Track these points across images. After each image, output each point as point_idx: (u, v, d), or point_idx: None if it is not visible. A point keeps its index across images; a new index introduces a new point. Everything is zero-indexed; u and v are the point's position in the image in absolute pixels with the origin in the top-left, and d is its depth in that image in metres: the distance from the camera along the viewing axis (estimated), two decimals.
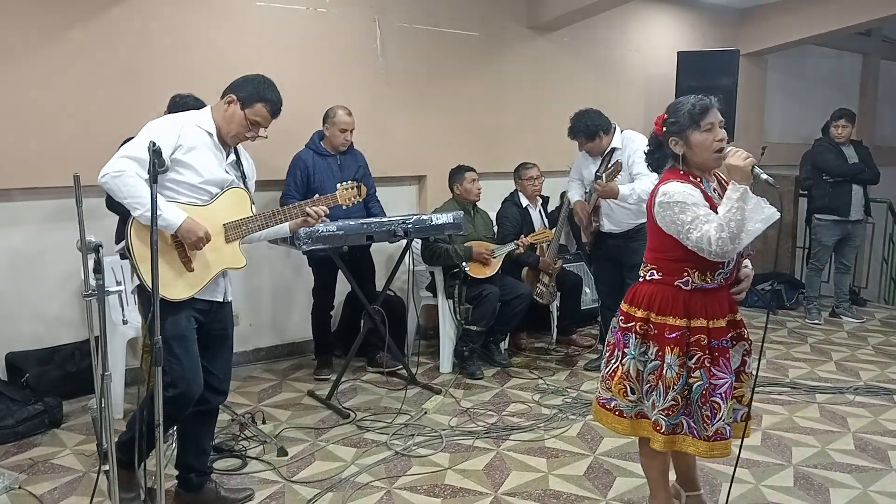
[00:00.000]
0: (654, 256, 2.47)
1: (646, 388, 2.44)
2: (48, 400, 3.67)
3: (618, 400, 2.48)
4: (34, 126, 3.82)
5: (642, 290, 2.48)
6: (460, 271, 4.55)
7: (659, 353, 2.39)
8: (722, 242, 2.21)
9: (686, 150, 2.39)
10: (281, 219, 2.80)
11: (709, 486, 3.06)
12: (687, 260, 2.36)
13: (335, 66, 4.82)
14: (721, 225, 2.22)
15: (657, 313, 2.41)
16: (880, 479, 3.15)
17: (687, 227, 2.27)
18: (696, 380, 2.36)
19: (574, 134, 4.31)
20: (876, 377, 4.56)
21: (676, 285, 2.39)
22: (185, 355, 2.57)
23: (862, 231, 6.12)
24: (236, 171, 2.77)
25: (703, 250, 2.26)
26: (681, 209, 2.29)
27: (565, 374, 4.57)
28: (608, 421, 2.54)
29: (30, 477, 3.14)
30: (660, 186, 2.38)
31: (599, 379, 2.60)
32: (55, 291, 4.05)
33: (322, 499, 2.96)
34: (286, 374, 4.60)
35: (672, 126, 2.39)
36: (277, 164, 4.31)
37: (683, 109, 2.36)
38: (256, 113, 2.66)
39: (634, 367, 2.44)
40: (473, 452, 3.41)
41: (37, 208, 3.97)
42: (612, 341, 2.56)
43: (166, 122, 2.59)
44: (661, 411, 2.38)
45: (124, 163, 2.44)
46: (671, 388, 2.36)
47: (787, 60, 7.58)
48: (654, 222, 2.41)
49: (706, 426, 2.37)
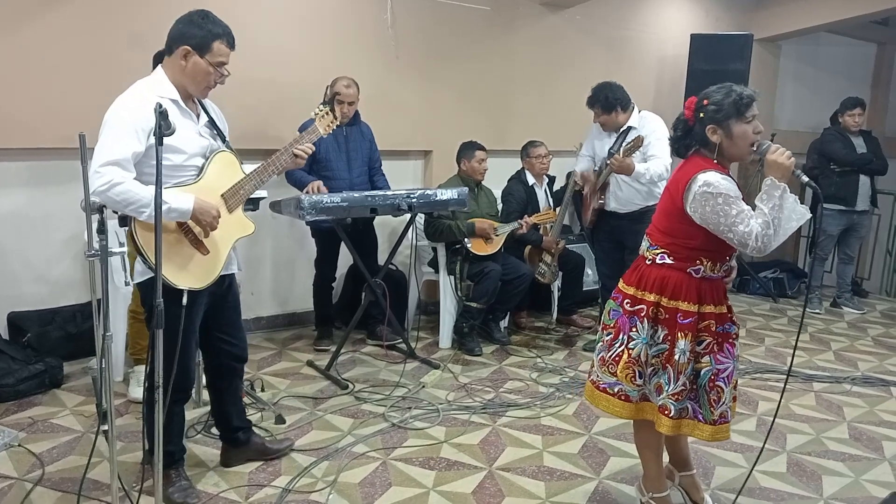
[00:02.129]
0: (668, 241, 2.42)
1: (649, 371, 2.43)
2: (49, 360, 3.70)
3: (623, 384, 2.45)
4: (38, 86, 3.80)
5: (652, 273, 2.43)
6: (462, 248, 4.55)
7: (668, 337, 2.38)
8: (767, 238, 2.20)
9: (724, 140, 2.32)
10: (273, 169, 2.67)
11: (702, 468, 3.08)
12: (703, 249, 2.35)
13: (344, 38, 4.78)
14: (767, 221, 2.21)
15: (669, 298, 2.38)
16: (873, 469, 3.17)
17: (732, 220, 2.23)
18: (704, 365, 2.37)
19: (592, 103, 4.26)
20: (874, 368, 4.56)
21: (688, 272, 2.38)
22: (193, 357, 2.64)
23: (867, 222, 6.11)
24: (212, 131, 2.60)
25: (746, 245, 2.23)
26: (725, 201, 2.24)
27: (564, 354, 4.59)
28: (609, 406, 2.50)
29: (29, 435, 3.17)
30: (698, 175, 2.29)
31: (597, 363, 2.56)
32: (58, 253, 4.07)
33: (318, 467, 2.99)
34: (286, 344, 4.62)
35: (715, 114, 2.31)
36: (286, 134, 4.28)
37: (730, 98, 2.29)
38: (217, 54, 2.43)
39: (644, 353, 2.41)
40: (469, 427, 3.43)
41: (40, 169, 3.96)
42: (612, 324, 2.52)
43: (133, 107, 2.33)
44: (671, 396, 2.37)
45: (107, 172, 2.24)
46: (682, 372, 2.35)
47: (800, 47, 7.49)
48: (680, 208, 2.34)
49: (713, 410, 2.38)
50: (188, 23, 2.44)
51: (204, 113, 2.60)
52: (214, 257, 2.55)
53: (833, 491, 2.96)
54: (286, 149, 2.74)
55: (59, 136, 3.77)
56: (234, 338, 2.81)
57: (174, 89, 2.46)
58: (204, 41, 2.42)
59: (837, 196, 5.80)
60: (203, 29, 2.42)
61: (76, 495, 2.54)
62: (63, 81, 3.85)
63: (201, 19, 2.44)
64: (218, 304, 2.70)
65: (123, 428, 3.25)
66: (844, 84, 7.41)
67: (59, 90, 3.84)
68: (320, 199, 3.71)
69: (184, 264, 2.45)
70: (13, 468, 2.88)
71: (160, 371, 2.17)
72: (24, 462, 2.93)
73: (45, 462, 2.93)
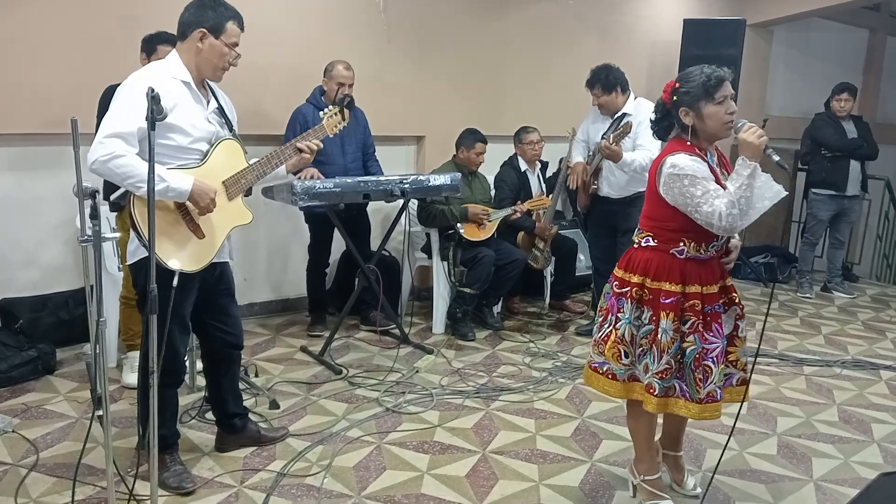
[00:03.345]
0: (651, 224, 2.47)
1: (638, 352, 2.46)
2: (42, 346, 3.69)
3: (611, 364, 2.50)
4: (29, 71, 3.76)
5: (638, 256, 2.48)
6: (455, 233, 4.55)
7: (653, 318, 2.41)
8: (732, 218, 2.22)
9: (696, 122, 2.37)
10: (276, 162, 2.71)
11: (693, 451, 3.11)
12: (685, 230, 2.38)
13: (336, 22, 4.75)
14: (732, 201, 2.22)
15: (653, 279, 2.42)
16: (862, 451, 3.21)
17: (697, 201, 2.27)
18: (689, 344, 2.39)
19: (592, 84, 4.24)
20: (863, 352, 4.61)
21: (671, 253, 2.41)
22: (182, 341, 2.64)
23: (858, 207, 6.14)
24: (220, 119, 2.63)
25: (712, 225, 2.26)
26: (691, 182, 2.27)
27: (556, 339, 4.61)
28: (600, 384, 2.55)
29: (23, 421, 3.17)
30: (667, 157, 2.35)
31: (591, 343, 2.61)
32: (50, 239, 4.05)
33: (313, 451, 3.00)
34: (279, 330, 4.63)
35: (685, 96, 2.36)
36: (278, 118, 4.29)
37: (698, 80, 2.34)
38: (231, 35, 2.50)
39: (629, 332, 2.45)
40: (463, 411, 3.45)
41: (30, 154, 3.93)
42: (605, 307, 2.56)
43: (144, 85, 2.27)
44: (655, 374, 2.41)
45: (110, 143, 2.27)
46: (666, 351, 2.39)
47: (792, 33, 7.49)
48: (656, 191, 2.40)
49: (699, 389, 2.41)
50: (200, 6, 2.50)
51: (214, 100, 2.63)
52: (209, 242, 2.55)
53: (823, 472, 3.00)
54: (291, 143, 2.78)
55: (50, 120, 3.74)
56: (228, 325, 2.81)
57: (188, 72, 2.50)
58: (218, 22, 2.48)
59: (828, 181, 5.83)
60: (216, 11, 2.49)
61: (71, 480, 2.54)
62: (53, 66, 3.81)
63: (213, 2, 2.50)
64: (209, 292, 2.70)
65: (117, 414, 3.25)
66: (836, 70, 7.43)
67: (50, 75, 3.80)
68: (313, 184, 3.70)
69: (178, 246, 2.46)
70: (7, 454, 2.88)
71: (154, 356, 2.17)
72: (19, 448, 2.93)
73: (39, 448, 2.93)
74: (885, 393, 3.91)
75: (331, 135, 2.93)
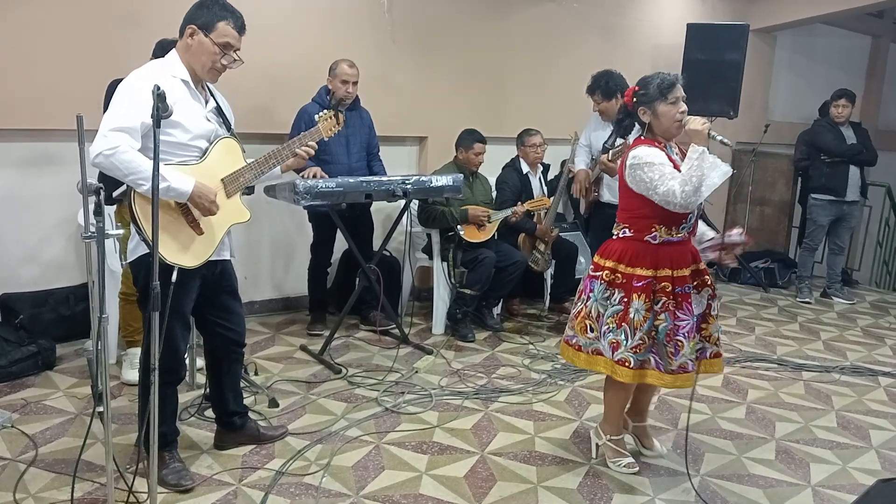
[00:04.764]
0: (626, 216, 2.76)
1: (604, 329, 2.75)
2: (42, 342, 3.69)
3: (578, 336, 2.82)
4: (33, 68, 3.77)
5: (613, 245, 2.78)
6: (456, 234, 4.55)
7: (624, 300, 2.70)
8: (685, 195, 2.51)
9: (653, 119, 2.70)
10: (274, 162, 2.72)
11: (692, 455, 3.12)
12: (654, 217, 2.67)
13: (340, 22, 4.76)
14: (684, 180, 2.52)
15: (627, 265, 2.71)
16: (860, 457, 3.21)
17: (654, 184, 2.57)
18: (661, 322, 2.68)
19: (592, 90, 4.26)
20: (862, 358, 4.61)
21: (646, 240, 2.70)
22: (183, 338, 2.64)
23: (857, 212, 6.15)
24: (218, 118, 2.65)
25: (669, 203, 2.55)
26: (648, 168, 2.59)
27: (555, 341, 4.61)
28: (568, 355, 2.89)
29: (22, 417, 3.18)
30: (630, 151, 2.67)
31: (568, 320, 2.92)
32: (52, 235, 4.05)
33: (312, 450, 3.01)
34: (280, 328, 4.63)
35: (643, 97, 2.70)
36: (283, 117, 4.29)
37: (653, 83, 2.67)
38: (222, 34, 2.47)
39: (595, 309, 2.77)
40: (462, 412, 3.45)
41: (33, 150, 3.94)
42: (581, 289, 2.88)
43: (143, 82, 2.35)
44: (630, 349, 2.70)
45: (115, 137, 2.27)
46: (638, 329, 2.67)
47: (796, 39, 7.50)
48: (626, 184, 2.71)
49: (671, 361, 2.70)
50: (199, 5, 2.51)
51: (213, 99, 2.64)
52: (208, 239, 2.56)
53: (821, 478, 3.00)
54: (287, 145, 2.79)
55: (54, 117, 3.75)
56: (231, 322, 2.81)
57: (186, 71, 2.51)
58: (210, 20, 2.47)
59: (827, 186, 5.85)
60: (210, 10, 2.49)
61: (70, 476, 2.54)
62: (57, 63, 3.82)
63: (211, 3, 2.49)
64: (211, 290, 2.71)
65: (117, 410, 3.25)
66: (839, 76, 7.43)
67: (53, 71, 3.81)
68: (315, 183, 3.71)
69: (177, 242, 2.47)
70: (6, 449, 2.89)
71: (156, 353, 2.17)
72: (18, 443, 2.94)
73: (38, 443, 2.94)
74: (884, 399, 3.91)
75: (326, 138, 2.95)
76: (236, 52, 2.53)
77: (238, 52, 2.54)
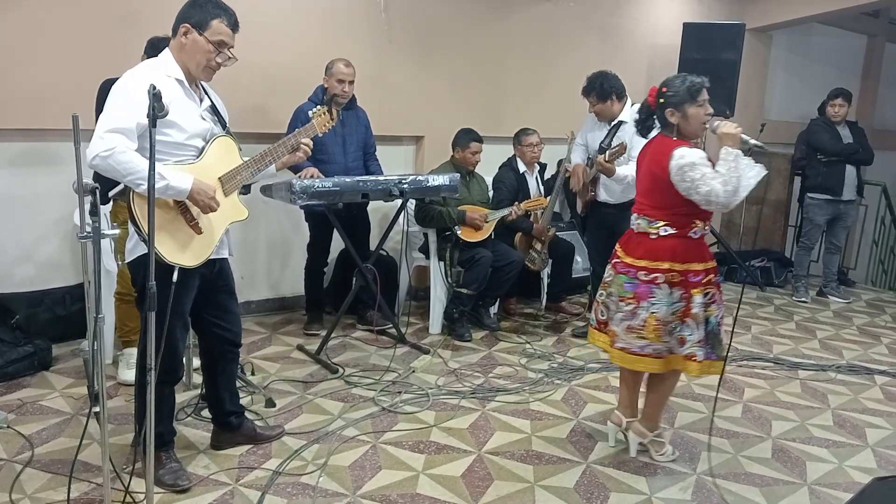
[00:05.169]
0: (666, 214, 2.80)
1: (670, 328, 2.81)
2: (38, 342, 3.68)
3: (654, 344, 2.82)
4: (29, 67, 3.76)
5: (661, 244, 2.80)
6: (453, 234, 4.55)
7: (684, 296, 2.78)
8: (727, 194, 2.61)
9: (681, 121, 2.78)
10: (270, 160, 2.72)
11: (687, 453, 3.12)
12: (694, 214, 2.77)
13: (337, 21, 4.76)
14: (725, 180, 2.61)
15: (681, 262, 2.78)
16: (856, 455, 3.22)
17: (697, 183, 2.64)
18: (712, 312, 2.81)
19: (587, 92, 4.26)
20: (858, 356, 4.62)
21: (689, 236, 2.80)
22: (182, 338, 2.65)
23: (854, 212, 6.16)
24: (213, 117, 2.64)
25: (711, 202, 2.65)
26: (690, 168, 2.65)
27: (552, 340, 4.62)
28: (645, 365, 2.88)
29: (18, 417, 3.17)
30: (675, 150, 2.70)
31: (622, 331, 2.87)
32: (47, 235, 4.04)
33: (308, 450, 3.01)
34: (276, 328, 4.63)
35: (671, 99, 2.77)
36: (280, 117, 4.28)
37: (683, 86, 2.75)
38: (216, 32, 2.46)
39: (666, 313, 2.79)
40: (459, 412, 3.46)
41: (29, 150, 3.93)
42: (630, 296, 2.84)
43: (138, 82, 2.34)
44: (696, 343, 2.79)
45: (111, 139, 2.26)
46: (700, 322, 2.78)
47: (791, 38, 7.52)
48: (667, 181, 2.73)
49: (722, 347, 2.83)
50: (192, 4, 2.50)
51: (207, 98, 2.64)
52: (207, 238, 2.55)
53: (817, 476, 3.00)
54: (283, 142, 2.79)
55: (50, 117, 3.74)
56: (227, 322, 2.81)
57: (180, 70, 2.50)
58: (203, 18, 2.46)
59: (824, 185, 5.85)
60: (203, 8, 2.47)
61: (67, 477, 2.54)
62: (54, 62, 3.81)
63: (205, 1, 2.48)
64: (209, 289, 2.70)
65: (113, 410, 3.24)
66: (835, 75, 7.45)
67: (50, 71, 3.80)
68: (311, 183, 3.71)
69: (177, 242, 2.46)
70: (3, 450, 2.88)
71: (153, 353, 2.17)
72: (14, 443, 2.93)
73: (34, 444, 2.93)
74: (880, 398, 3.92)
75: (320, 133, 2.95)
76: (230, 49, 2.52)
77: (232, 49, 2.53)
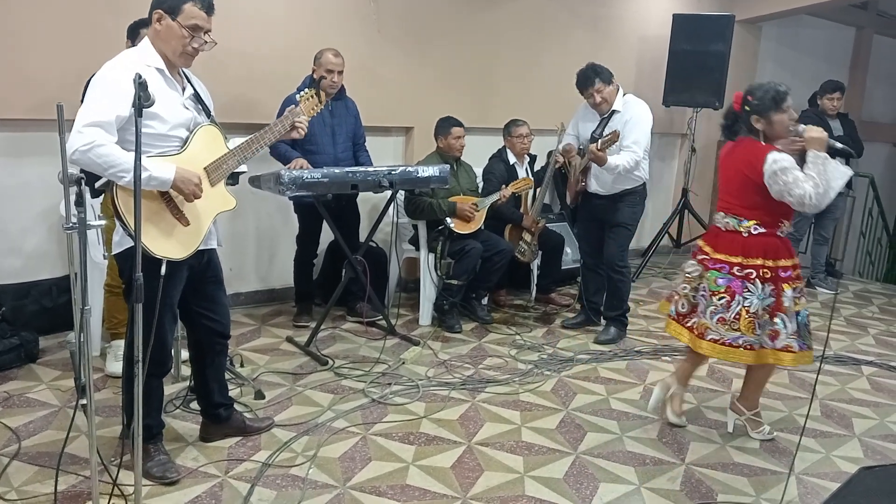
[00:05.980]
0: (757, 213, 2.95)
1: (761, 322, 2.94)
2: (24, 334, 3.66)
3: (747, 336, 2.96)
4: (12, 56, 3.71)
5: (754, 242, 2.96)
6: (445, 228, 4.54)
7: (774, 291, 2.95)
8: (818, 196, 2.77)
9: (766, 127, 2.92)
10: (256, 147, 2.68)
11: (677, 444, 3.14)
12: (783, 214, 2.95)
13: (325, 11, 4.72)
14: (816, 183, 2.77)
15: (772, 259, 2.94)
16: (843, 445, 3.24)
17: (790, 186, 2.80)
18: (801, 305, 3.00)
19: (591, 81, 4.13)
20: (846, 347, 4.65)
21: (777, 234, 2.97)
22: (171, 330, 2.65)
23: (842, 203, 6.19)
24: (197, 105, 2.59)
25: (804, 205, 2.79)
26: (782, 171, 2.80)
27: (542, 332, 4.62)
28: (737, 356, 3.01)
29: (4, 409, 3.15)
30: (768, 155, 2.84)
31: (714, 324, 3.00)
32: (34, 226, 4.00)
33: (298, 442, 3.00)
34: (265, 320, 4.61)
35: (757, 107, 2.92)
36: (268, 107, 4.25)
37: (769, 94, 2.90)
38: (189, 16, 2.40)
39: (759, 306, 2.94)
40: (449, 403, 3.46)
41: (13, 140, 3.88)
42: (723, 290, 2.98)
43: (119, 73, 2.30)
44: (791, 335, 2.96)
45: (90, 133, 2.22)
46: (792, 316, 2.95)
47: (781, 29, 7.53)
48: (760, 183, 2.87)
49: (812, 338, 3.02)
50: None
51: (190, 86, 2.59)
52: (195, 229, 2.53)
53: (804, 466, 3.03)
54: (269, 129, 2.74)
55: (36, 106, 3.70)
56: (216, 313, 2.79)
57: (160, 59, 2.45)
58: (175, 4, 2.41)
59: None
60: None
61: (54, 469, 2.52)
62: (41, 52, 3.77)
63: None
64: (197, 279, 2.68)
65: (101, 403, 3.22)
66: (823, 67, 7.47)
67: (37, 60, 3.75)
68: (300, 174, 3.68)
69: (164, 234, 2.44)
70: None
71: (139, 345, 2.15)
72: (0, 436, 2.91)
73: (21, 436, 2.91)
74: (867, 388, 3.95)
75: (308, 117, 2.88)
76: (207, 33, 2.47)
77: (209, 33, 2.48)
